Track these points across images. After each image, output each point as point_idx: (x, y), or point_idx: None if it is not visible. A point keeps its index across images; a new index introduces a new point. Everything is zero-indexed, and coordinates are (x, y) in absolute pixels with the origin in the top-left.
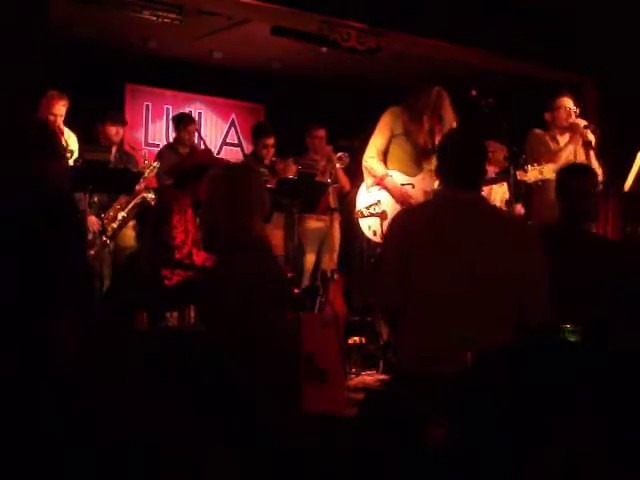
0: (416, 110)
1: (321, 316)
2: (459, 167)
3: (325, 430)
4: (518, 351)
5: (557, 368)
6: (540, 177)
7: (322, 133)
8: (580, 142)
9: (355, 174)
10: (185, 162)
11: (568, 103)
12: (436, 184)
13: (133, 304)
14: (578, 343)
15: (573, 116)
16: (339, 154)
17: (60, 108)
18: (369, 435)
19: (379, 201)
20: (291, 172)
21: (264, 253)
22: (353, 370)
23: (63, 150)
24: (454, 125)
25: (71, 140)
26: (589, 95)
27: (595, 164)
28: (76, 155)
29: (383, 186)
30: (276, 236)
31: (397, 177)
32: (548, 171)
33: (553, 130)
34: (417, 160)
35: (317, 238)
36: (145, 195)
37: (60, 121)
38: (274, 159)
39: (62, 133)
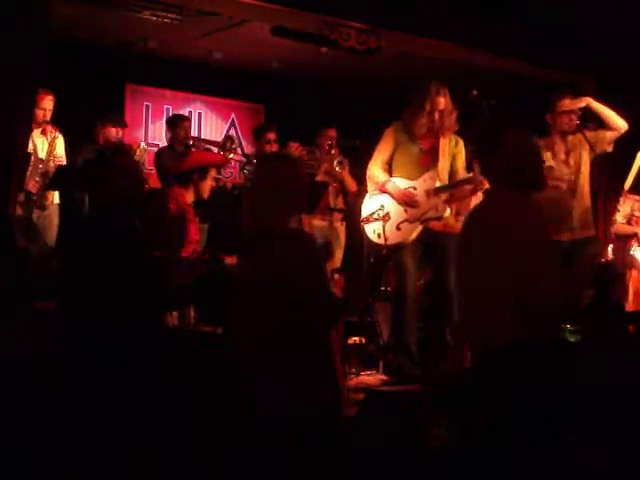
0: (416, 106)
1: None
2: None
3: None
4: (519, 351)
5: (557, 368)
6: None
7: (333, 133)
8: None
9: (358, 175)
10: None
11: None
12: (437, 184)
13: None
14: (578, 343)
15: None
16: (339, 159)
17: (48, 102)
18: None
19: (382, 205)
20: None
21: (290, 251)
22: (353, 370)
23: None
24: (453, 117)
25: (59, 142)
26: (589, 95)
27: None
28: (64, 159)
29: (384, 191)
30: None
31: (399, 183)
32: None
33: (554, 135)
34: (421, 164)
35: (319, 238)
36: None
37: (49, 115)
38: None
39: (52, 130)
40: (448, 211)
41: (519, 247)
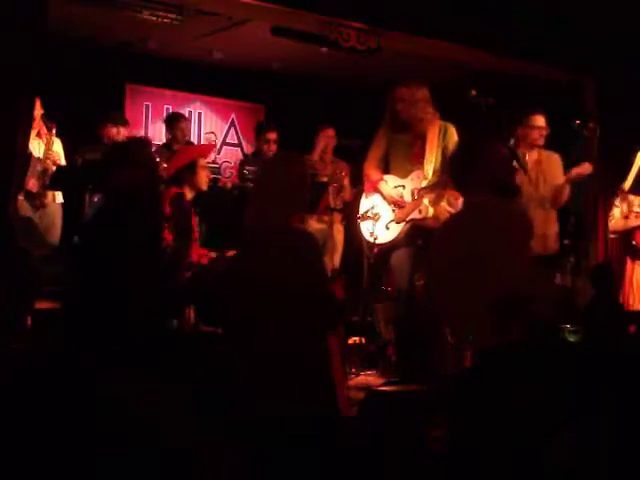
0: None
1: None
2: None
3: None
4: (518, 351)
5: (557, 368)
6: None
7: (331, 133)
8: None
9: (357, 176)
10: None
11: (540, 122)
12: (423, 183)
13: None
14: (578, 343)
15: (542, 138)
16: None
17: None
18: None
19: (374, 205)
20: None
21: (288, 250)
22: (353, 370)
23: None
24: (417, 107)
25: (54, 140)
26: (588, 95)
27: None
28: (61, 157)
29: (377, 190)
30: None
31: (390, 180)
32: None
33: (522, 147)
34: (412, 159)
35: (319, 239)
36: None
37: (38, 116)
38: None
39: (47, 131)
40: (431, 211)
41: (513, 249)
